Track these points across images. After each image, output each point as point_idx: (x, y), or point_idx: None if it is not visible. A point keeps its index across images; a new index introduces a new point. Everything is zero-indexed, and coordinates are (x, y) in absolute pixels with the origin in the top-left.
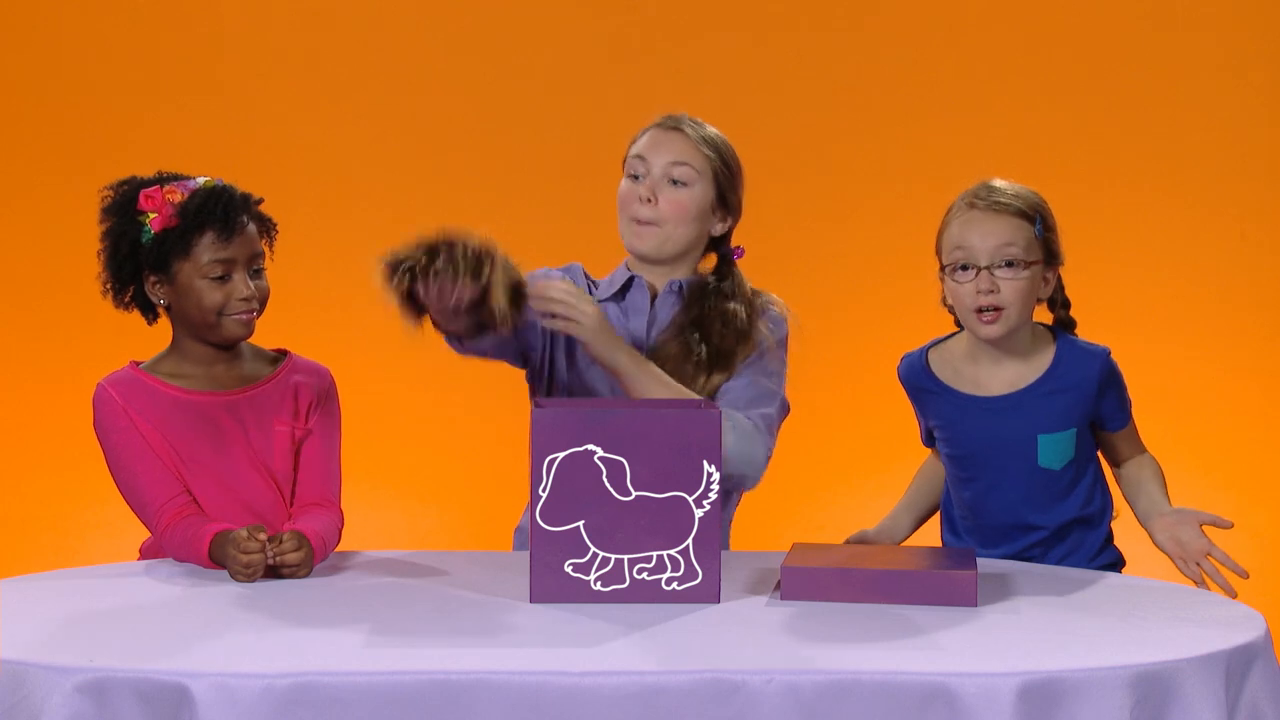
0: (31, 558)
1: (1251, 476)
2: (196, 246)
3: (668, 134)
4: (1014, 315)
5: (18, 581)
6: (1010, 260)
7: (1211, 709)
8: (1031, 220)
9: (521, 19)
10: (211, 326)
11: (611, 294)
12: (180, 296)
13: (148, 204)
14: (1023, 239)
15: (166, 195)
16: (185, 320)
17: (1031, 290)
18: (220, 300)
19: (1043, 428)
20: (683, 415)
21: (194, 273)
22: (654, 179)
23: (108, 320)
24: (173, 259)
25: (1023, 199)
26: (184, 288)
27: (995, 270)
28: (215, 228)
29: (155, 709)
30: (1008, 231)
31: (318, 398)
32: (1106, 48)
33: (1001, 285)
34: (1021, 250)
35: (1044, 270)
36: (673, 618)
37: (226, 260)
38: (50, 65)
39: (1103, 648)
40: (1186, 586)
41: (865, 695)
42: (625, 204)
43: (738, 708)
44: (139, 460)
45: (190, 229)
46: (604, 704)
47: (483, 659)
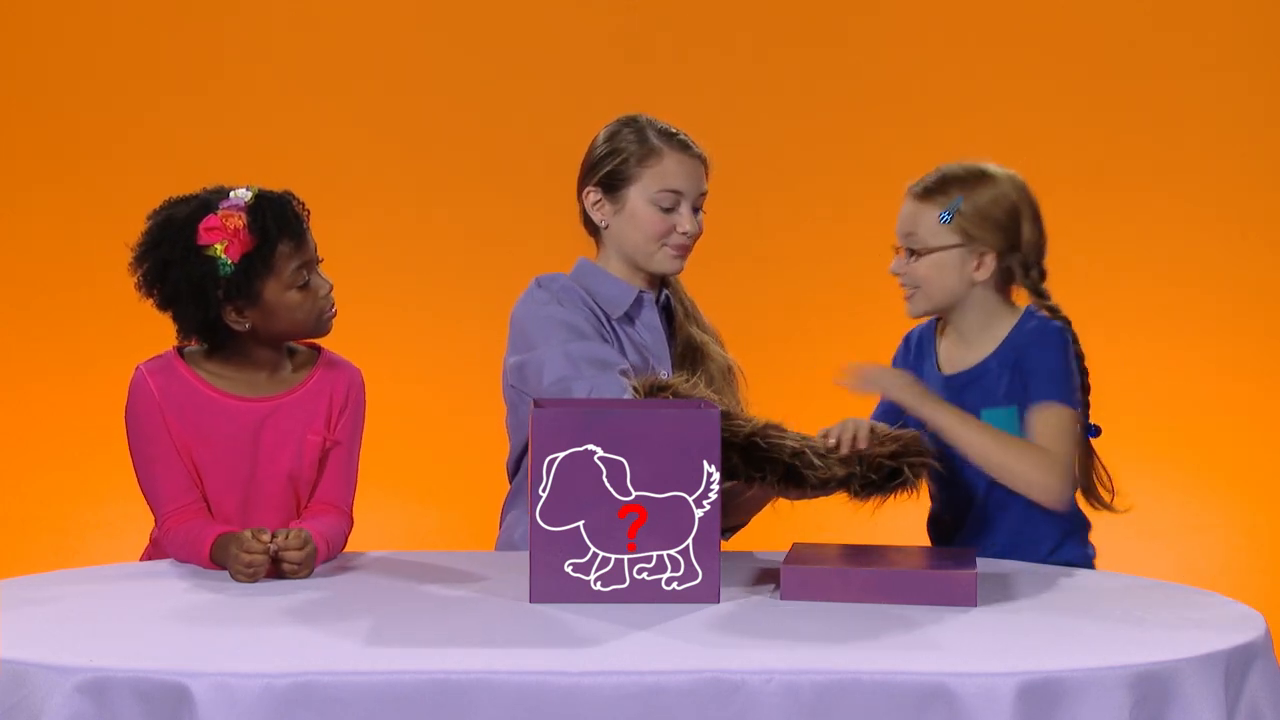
0: (31, 558)
1: (1251, 476)
2: (279, 260)
3: (696, 164)
4: (932, 294)
5: (18, 581)
6: (910, 246)
7: (1211, 709)
8: (941, 205)
9: (522, 19)
10: (307, 334)
11: (623, 313)
12: (267, 315)
13: (212, 236)
14: (924, 225)
15: (226, 221)
16: (272, 335)
17: (942, 274)
18: (310, 305)
19: (985, 402)
20: (683, 415)
21: (280, 288)
22: (687, 209)
23: (107, 321)
24: (256, 281)
25: (942, 178)
26: (270, 305)
27: (904, 254)
28: (289, 235)
29: (155, 709)
30: (908, 217)
31: (348, 402)
32: (1106, 48)
33: (908, 269)
34: (926, 235)
35: (968, 253)
36: (673, 618)
37: (306, 264)
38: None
39: (1103, 648)
40: (1186, 586)
41: (865, 695)
42: (663, 233)
43: (738, 708)
44: (161, 458)
45: (270, 245)
46: (604, 704)
47: (483, 659)
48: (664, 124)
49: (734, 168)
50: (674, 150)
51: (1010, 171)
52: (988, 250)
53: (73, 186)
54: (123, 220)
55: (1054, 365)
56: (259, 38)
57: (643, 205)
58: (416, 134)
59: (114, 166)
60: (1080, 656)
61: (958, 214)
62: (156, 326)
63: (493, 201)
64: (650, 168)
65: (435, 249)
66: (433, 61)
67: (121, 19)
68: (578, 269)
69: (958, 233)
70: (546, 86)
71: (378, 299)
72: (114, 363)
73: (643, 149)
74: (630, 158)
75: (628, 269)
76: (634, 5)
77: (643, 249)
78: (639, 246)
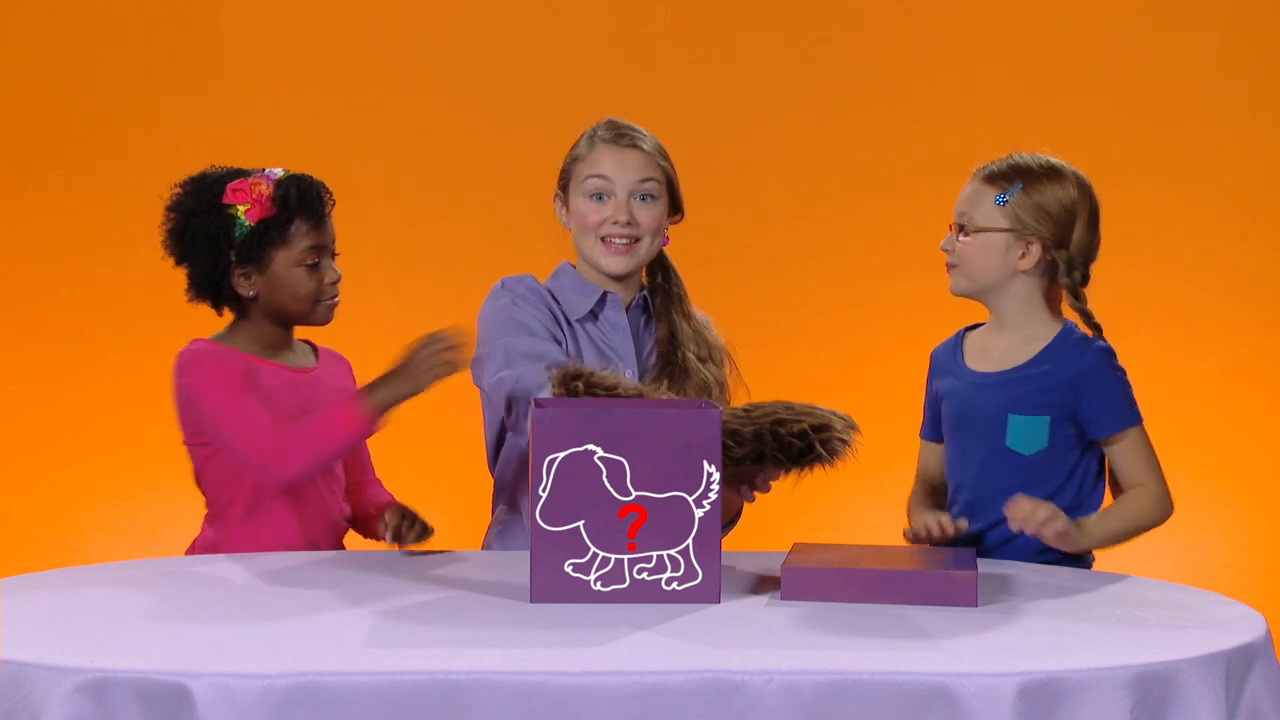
0: (31, 558)
1: (1251, 476)
2: (293, 235)
3: (626, 152)
4: (967, 275)
5: (18, 581)
6: (961, 225)
7: (1211, 709)
8: (1002, 189)
9: (522, 19)
10: (303, 314)
11: (585, 314)
12: (272, 286)
13: (237, 197)
14: (978, 206)
15: (253, 187)
16: (274, 308)
17: (985, 255)
18: (314, 287)
19: (1015, 408)
20: (683, 415)
21: (289, 261)
22: (620, 199)
23: (107, 321)
24: (268, 249)
25: (1012, 167)
26: (277, 276)
27: (954, 232)
28: (309, 215)
29: (155, 709)
30: (968, 197)
31: (350, 385)
32: (1106, 48)
33: (955, 247)
34: (979, 217)
35: (1015, 240)
36: (673, 618)
37: (319, 247)
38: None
39: (1103, 648)
40: (1186, 586)
41: (865, 695)
42: (593, 225)
43: (738, 708)
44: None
45: (288, 217)
46: (604, 704)
47: (483, 659)
48: (621, 122)
49: (734, 168)
50: (605, 141)
51: (1080, 173)
52: (1035, 240)
53: (73, 186)
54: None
55: (1117, 394)
56: (259, 38)
57: (577, 199)
58: (415, 134)
59: (114, 166)
60: (1081, 657)
61: (1013, 200)
62: (157, 327)
63: (489, 202)
64: (583, 161)
65: (432, 249)
66: (433, 62)
67: (122, 19)
68: (556, 271)
69: (1009, 217)
70: (546, 87)
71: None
72: (114, 363)
73: (582, 146)
74: (574, 158)
75: (591, 270)
76: (633, 6)
77: (583, 246)
78: (580, 243)
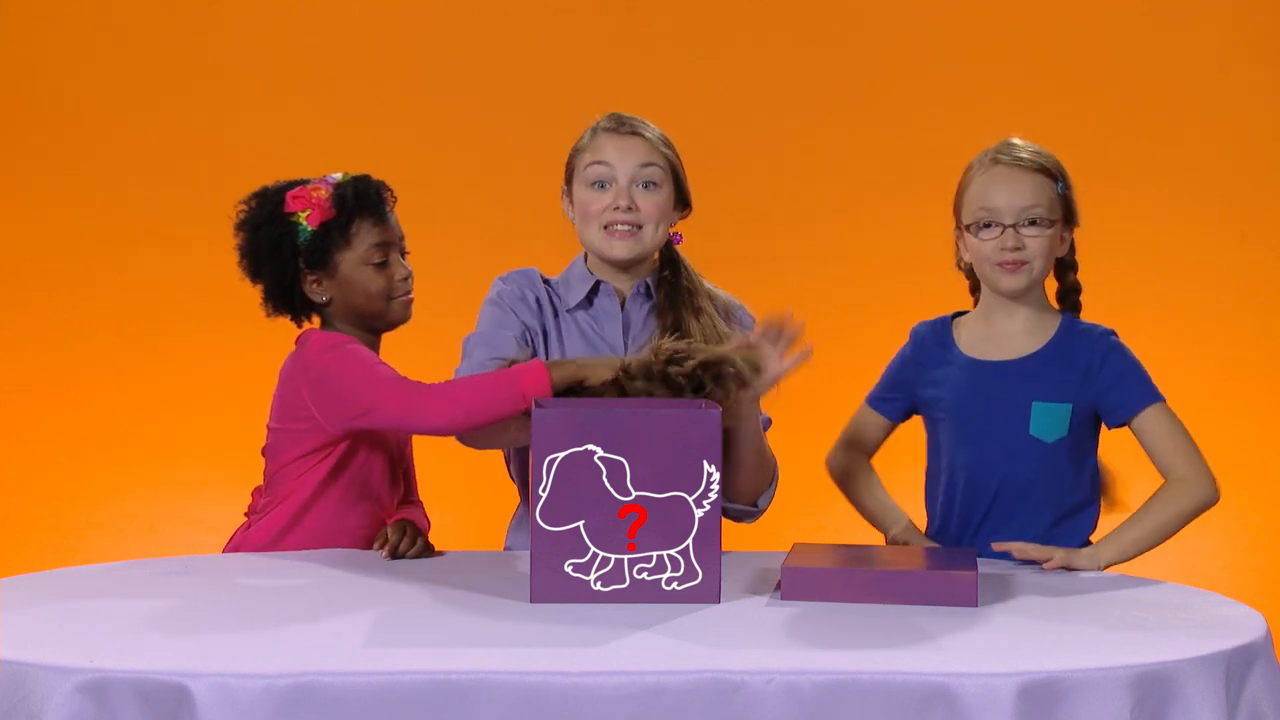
0: (31, 558)
1: (1251, 476)
2: (356, 235)
3: (627, 139)
4: (1037, 269)
5: (18, 581)
6: (1035, 219)
7: (1211, 709)
8: (1054, 178)
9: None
10: (379, 313)
11: (578, 302)
12: (343, 288)
13: (298, 204)
14: (1046, 197)
15: (312, 192)
16: (349, 311)
17: (1053, 248)
18: (384, 284)
19: (1038, 395)
20: (683, 415)
21: (356, 261)
22: (622, 185)
23: (107, 321)
24: (333, 251)
25: (1044, 156)
26: (346, 279)
27: (1021, 228)
28: (370, 213)
29: (155, 709)
30: (1032, 190)
31: None
32: (1106, 48)
33: (1028, 243)
34: (1045, 209)
35: (1062, 229)
36: (673, 618)
37: (384, 244)
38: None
39: (1103, 648)
40: (1186, 586)
41: (865, 695)
42: (596, 213)
43: (738, 708)
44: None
45: (348, 218)
46: (604, 704)
47: (483, 659)
48: (624, 114)
49: (735, 168)
50: (607, 130)
51: None
52: (1070, 228)
53: (73, 186)
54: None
55: (1131, 372)
56: (259, 38)
57: (580, 189)
58: (415, 135)
59: (114, 167)
60: (1081, 657)
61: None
62: (157, 327)
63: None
64: (585, 150)
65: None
66: (433, 62)
67: (122, 19)
68: (571, 264)
69: (1064, 206)
70: (547, 87)
71: None
72: (114, 363)
73: (585, 138)
74: (577, 150)
75: (595, 260)
76: (633, 6)
77: (587, 235)
78: (585, 233)
